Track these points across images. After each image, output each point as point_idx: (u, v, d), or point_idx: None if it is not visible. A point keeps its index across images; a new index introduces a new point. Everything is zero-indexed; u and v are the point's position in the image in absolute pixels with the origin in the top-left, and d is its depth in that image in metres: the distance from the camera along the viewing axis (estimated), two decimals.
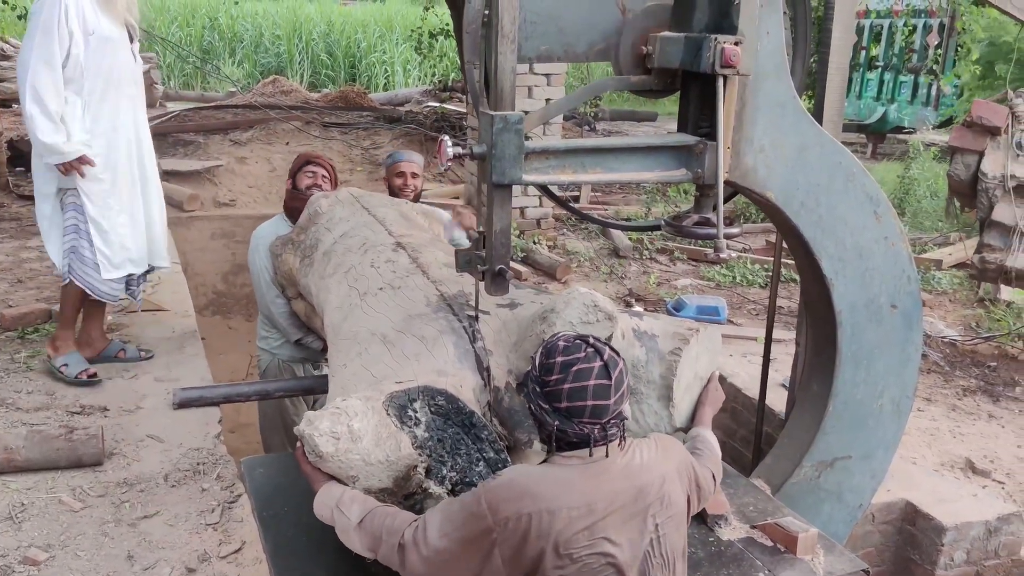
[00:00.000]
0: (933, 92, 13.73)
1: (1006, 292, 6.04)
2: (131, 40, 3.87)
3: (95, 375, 3.88)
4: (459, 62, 11.08)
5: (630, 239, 7.05)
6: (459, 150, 2.27)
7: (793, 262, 3.56)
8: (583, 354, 1.78)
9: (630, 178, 2.55)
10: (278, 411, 4.04)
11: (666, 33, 2.51)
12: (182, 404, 3.68)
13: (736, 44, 2.31)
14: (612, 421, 1.77)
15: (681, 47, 2.42)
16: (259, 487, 2.77)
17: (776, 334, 3.77)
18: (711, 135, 2.45)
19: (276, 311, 3.78)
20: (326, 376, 3.90)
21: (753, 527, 2.59)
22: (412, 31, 11.34)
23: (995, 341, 5.34)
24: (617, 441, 1.81)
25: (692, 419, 2.46)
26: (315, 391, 3.98)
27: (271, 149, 9.04)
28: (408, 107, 12.26)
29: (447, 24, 10.57)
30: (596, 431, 1.76)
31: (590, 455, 1.78)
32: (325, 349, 3.85)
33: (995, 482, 3.78)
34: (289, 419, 4.00)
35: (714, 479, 2.17)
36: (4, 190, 7.84)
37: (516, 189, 7.65)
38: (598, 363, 1.77)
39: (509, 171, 2.25)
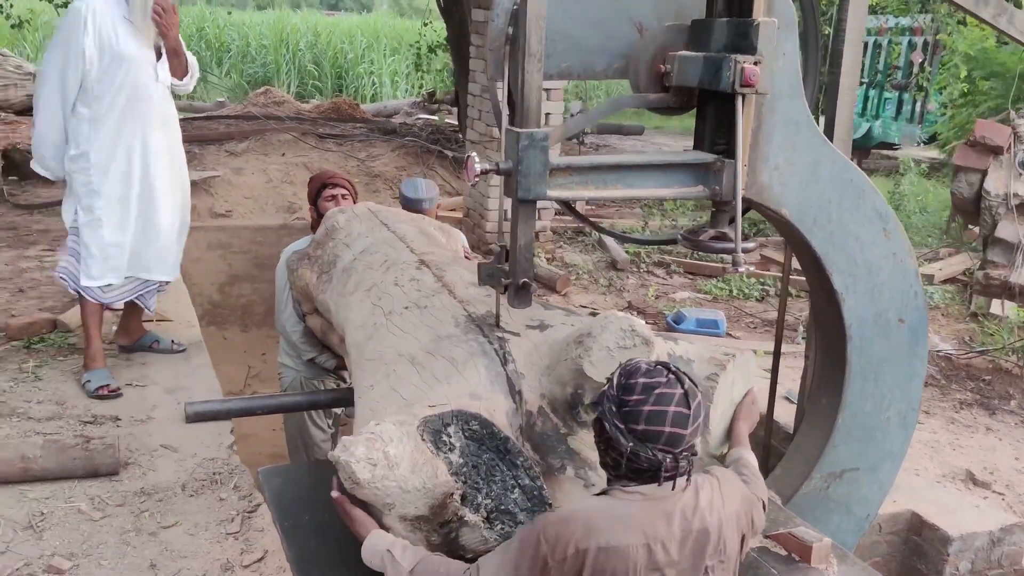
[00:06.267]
0: (918, 109, 13.94)
1: (997, 306, 6.14)
2: (158, 57, 3.92)
3: (117, 391, 3.90)
4: (453, 74, 11.16)
5: (627, 252, 7.12)
6: (486, 166, 2.32)
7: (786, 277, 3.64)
8: (665, 379, 1.76)
9: (649, 194, 2.60)
10: (298, 431, 4.07)
11: (684, 53, 2.56)
12: (194, 418, 3.71)
13: (755, 64, 2.37)
14: (684, 453, 1.74)
15: (700, 66, 2.47)
16: (278, 497, 2.78)
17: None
18: (728, 152, 2.50)
19: (290, 328, 3.80)
20: (336, 390, 3.94)
21: (766, 537, 2.64)
22: (411, 45, 11.41)
23: (989, 355, 5.44)
24: (685, 476, 1.78)
25: (728, 435, 2.48)
26: (322, 405, 4.00)
27: (267, 160, 9.05)
28: (398, 118, 12.31)
29: (444, 38, 10.65)
30: (668, 460, 1.72)
31: (659, 485, 1.75)
32: (338, 367, 3.87)
33: (995, 493, 3.85)
34: (307, 438, 4.04)
35: (764, 506, 2.15)
36: None
37: (508, 202, 7.64)
38: (679, 391, 1.74)
39: (534, 187, 2.29)
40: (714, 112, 2.56)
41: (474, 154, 2.32)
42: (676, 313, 5.70)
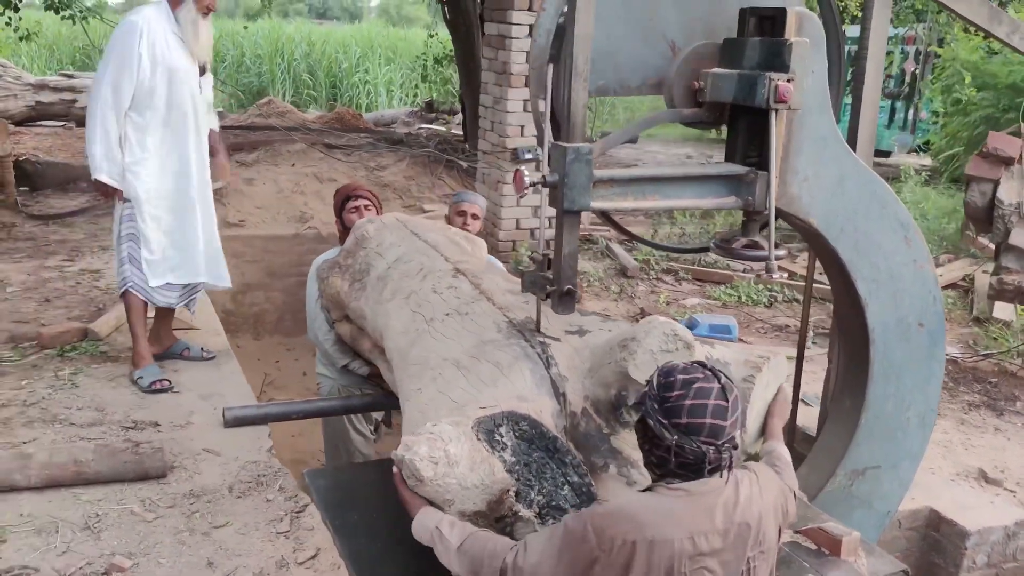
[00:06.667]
0: (910, 117, 14.14)
1: (999, 311, 6.29)
2: (201, 73, 4.22)
3: (167, 382, 4.13)
4: (457, 87, 11.32)
5: (636, 259, 7.25)
6: (534, 179, 2.44)
7: (801, 283, 3.78)
8: (702, 375, 1.85)
9: (686, 204, 2.74)
10: (339, 437, 4.18)
11: (718, 70, 2.69)
12: (233, 423, 3.80)
13: (789, 81, 2.50)
14: (726, 444, 1.82)
15: (734, 83, 2.60)
16: (324, 498, 2.89)
17: (790, 351, 3.93)
18: (759, 165, 2.63)
19: (322, 337, 3.91)
20: (369, 395, 4.04)
21: (797, 532, 2.75)
22: (417, 57, 11.56)
23: (994, 358, 5.58)
24: (727, 469, 1.86)
25: (762, 430, 2.61)
26: (356, 410, 4.11)
27: (277, 170, 9.15)
28: (396, 127, 12.43)
29: (450, 50, 10.76)
30: (712, 452, 1.81)
31: (707, 474, 1.83)
32: (371, 376, 3.98)
33: (1007, 491, 3.98)
34: (348, 443, 4.15)
35: (795, 496, 2.23)
36: (13, 210, 7.89)
37: (525, 211, 7.74)
38: (716, 385, 1.84)
39: (579, 199, 2.42)
40: (746, 127, 2.68)
41: (524, 168, 2.44)
42: (689, 319, 5.80)
